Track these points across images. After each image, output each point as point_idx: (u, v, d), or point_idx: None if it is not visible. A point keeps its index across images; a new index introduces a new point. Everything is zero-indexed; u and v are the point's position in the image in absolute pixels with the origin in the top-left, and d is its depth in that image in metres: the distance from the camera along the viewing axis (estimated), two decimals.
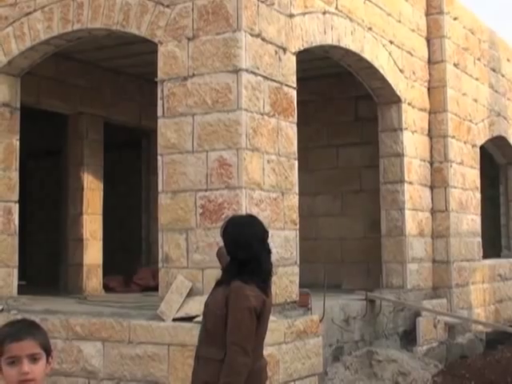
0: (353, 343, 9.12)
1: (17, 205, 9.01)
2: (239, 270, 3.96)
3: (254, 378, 3.95)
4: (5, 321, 2.92)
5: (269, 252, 4.13)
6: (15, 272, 8.95)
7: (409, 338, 10.11)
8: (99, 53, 10.80)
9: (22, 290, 9.21)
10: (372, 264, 11.45)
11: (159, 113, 7.70)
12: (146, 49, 8.55)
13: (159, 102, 7.70)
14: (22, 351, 2.64)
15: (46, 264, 14.61)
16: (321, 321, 7.99)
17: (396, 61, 10.40)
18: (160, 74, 7.72)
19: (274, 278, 7.42)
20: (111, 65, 11.60)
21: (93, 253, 11.66)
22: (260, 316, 3.92)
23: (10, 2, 8.77)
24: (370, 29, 9.73)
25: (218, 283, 4.10)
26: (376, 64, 9.88)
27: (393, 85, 10.32)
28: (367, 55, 9.68)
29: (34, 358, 2.65)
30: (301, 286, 8.00)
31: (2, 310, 8.46)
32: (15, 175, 9.01)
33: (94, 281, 11.59)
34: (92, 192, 11.81)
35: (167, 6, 7.72)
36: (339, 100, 12.55)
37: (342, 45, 9.15)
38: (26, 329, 2.74)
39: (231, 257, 4.08)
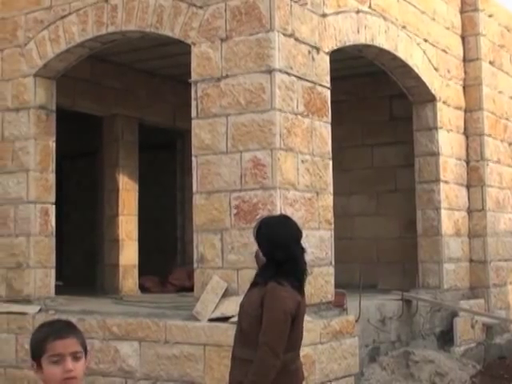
0: (389, 343, 9.06)
1: (53, 206, 9.11)
2: (276, 270, 3.95)
3: (290, 379, 3.94)
4: (43, 321, 2.95)
5: (303, 252, 4.12)
6: (52, 273, 9.05)
7: (446, 338, 10.02)
8: (133, 55, 10.87)
9: (59, 291, 9.31)
10: (408, 264, 11.36)
11: (193, 114, 7.73)
12: (180, 50, 8.59)
13: (193, 103, 7.73)
14: (65, 349, 2.64)
15: (82, 264, 14.74)
16: (357, 321, 7.96)
17: (431, 59, 10.31)
18: (193, 75, 7.75)
19: (309, 278, 7.42)
20: (145, 66, 11.68)
21: (129, 253, 11.74)
22: (295, 318, 3.91)
23: (46, 5, 8.88)
24: (403, 27, 9.66)
25: (254, 284, 4.08)
26: (410, 63, 9.81)
27: (427, 83, 10.23)
28: (401, 54, 9.62)
29: (75, 357, 2.65)
30: (336, 286, 7.97)
31: (40, 310, 8.56)
32: (52, 177, 9.11)
33: (130, 281, 11.67)
34: (127, 193, 11.89)
35: (200, 8, 7.75)
36: (373, 99, 12.48)
37: (376, 44, 9.10)
38: (66, 328, 2.74)
39: (267, 258, 4.06)
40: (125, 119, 11.90)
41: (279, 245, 3.99)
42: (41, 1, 8.92)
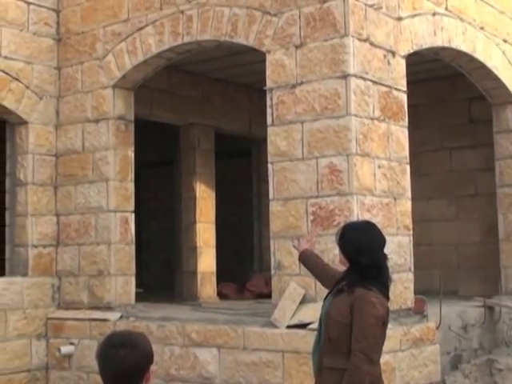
0: (471, 351, 8.87)
1: (133, 214, 9.27)
2: (361, 276, 3.94)
3: None
4: (124, 327, 3.03)
5: (386, 258, 4.11)
6: (132, 280, 9.21)
7: None
8: (209, 64, 10.99)
9: (139, 298, 9.46)
10: (490, 270, 11.09)
11: (268, 121, 7.75)
12: (255, 58, 8.64)
13: (268, 111, 7.75)
14: None
15: (161, 272, 14.96)
16: (437, 328, 7.82)
17: (510, 60, 10.06)
18: (268, 83, 7.77)
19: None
20: (221, 75, 11.78)
21: (206, 260, 11.84)
22: (384, 323, 3.89)
23: (123, 18, 9.06)
24: (481, 28, 9.47)
25: (338, 292, 4.03)
26: (489, 64, 9.60)
27: (508, 85, 9.99)
28: (479, 55, 9.42)
29: None
30: (415, 292, 7.85)
31: (121, 316, 8.72)
32: (131, 186, 9.28)
33: (208, 288, 11.77)
34: (204, 200, 12.00)
35: (274, 15, 7.77)
36: (451, 102, 12.25)
37: (453, 46, 8.94)
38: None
39: (352, 262, 4.04)
40: (201, 128, 12.03)
41: (364, 250, 3.98)
42: (118, 14, 9.12)
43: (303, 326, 7.12)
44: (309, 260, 4.81)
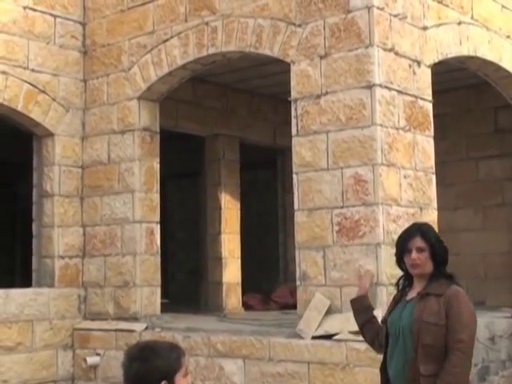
0: (499, 363, 8.76)
1: (158, 225, 9.31)
2: (449, 275, 3.94)
3: None
4: (150, 338, 3.05)
5: None
6: (158, 291, 9.23)
7: None
8: (233, 75, 11.01)
9: (164, 308, 9.48)
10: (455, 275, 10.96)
11: (293, 131, 7.75)
12: (279, 69, 8.65)
13: (293, 121, 7.75)
14: (188, 363, 2.95)
15: (186, 282, 14.98)
16: None
17: None
18: (293, 93, 7.78)
19: None
20: (245, 86, 11.81)
21: (232, 271, 11.84)
22: None
23: (148, 30, 9.13)
24: (508, 37, 9.40)
25: (422, 296, 3.87)
26: None
27: None
28: (506, 64, 9.35)
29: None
30: None
31: (147, 327, 8.74)
32: (156, 197, 9.32)
33: (234, 299, 11.76)
34: (230, 211, 12.02)
35: (299, 26, 7.78)
36: (477, 111, 12.17)
37: (479, 55, 8.89)
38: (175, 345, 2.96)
39: (442, 262, 3.97)
40: (226, 139, 12.06)
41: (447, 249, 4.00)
42: (144, 26, 9.18)
43: (329, 336, 7.09)
44: (360, 310, 4.36)
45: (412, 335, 3.80)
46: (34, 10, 9.37)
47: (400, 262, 4.07)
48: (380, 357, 4.14)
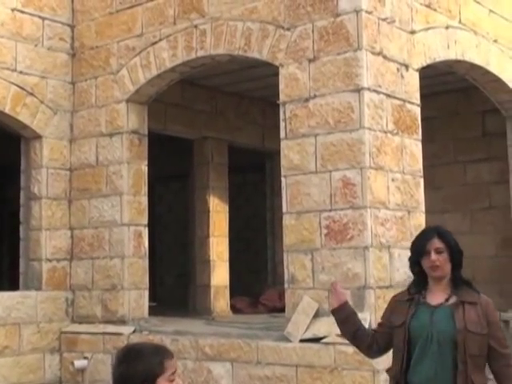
0: None
1: (146, 228, 9.29)
2: (467, 280, 3.87)
3: None
4: (138, 341, 3.04)
5: None
6: (146, 294, 9.21)
7: None
8: (222, 78, 11.02)
9: (152, 311, 9.46)
10: (505, 283, 11.02)
11: (282, 135, 7.75)
12: (268, 72, 8.66)
13: (281, 124, 7.76)
14: (176, 367, 2.87)
15: (175, 285, 14.95)
16: None
17: None
18: (282, 97, 7.78)
19: None
20: (234, 89, 11.81)
21: (220, 274, 11.83)
22: None
23: (137, 33, 9.11)
24: (495, 41, 9.45)
25: (456, 304, 3.74)
26: (503, 77, 9.57)
27: None
28: (493, 68, 9.40)
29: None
30: None
31: (135, 330, 8.72)
32: (144, 200, 9.30)
33: (222, 302, 11.75)
34: (218, 214, 12.01)
35: (287, 29, 7.79)
36: (465, 115, 12.22)
37: (467, 59, 8.93)
38: (164, 348, 2.90)
39: (460, 265, 3.88)
40: (215, 142, 12.06)
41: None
42: (132, 29, 9.17)
43: (317, 339, 7.09)
44: (347, 319, 4.04)
45: (458, 346, 3.65)
46: (23, 12, 9.34)
47: (414, 266, 3.90)
48: (369, 360, 4.10)
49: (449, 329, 3.67)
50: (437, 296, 3.81)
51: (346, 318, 4.02)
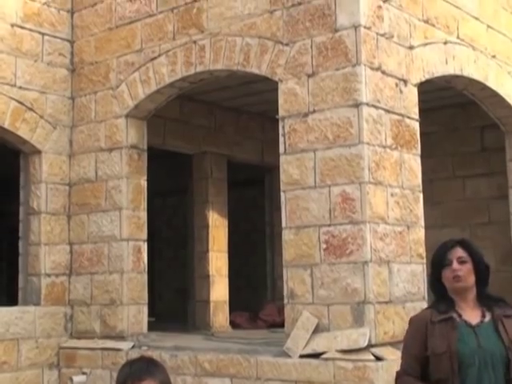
0: None
1: (145, 243, 9.28)
2: (496, 298, 3.63)
3: None
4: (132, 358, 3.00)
5: None
6: (145, 309, 9.19)
7: None
8: (221, 93, 11.04)
9: (151, 327, 9.43)
10: (505, 298, 10.99)
11: (281, 149, 7.76)
12: (267, 87, 8.67)
13: (281, 139, 7.77)
14: None
15: (174, 301, 14.92)
16: None
17: None
18: (281, 112, 7.80)
19: (401, 314, 7.29)
20: (233, 104, 11.84)
21: (219, 289, 11.81)
22: None
23: (136, 48, 9.14)
24: (493, 56, 9.48)
25: (496, 319, 3.50)
26: (501, 92, 9.60)
27: None
28: (492, 83, 9.43)
29: None
30: None
31: (134, 346, 8.69)
32: (143, 215, 9.29)
33: (221, 317, 11.72)
34: (217, 229, 12.00)
35: (286, 45, 7.82)
36: (464, 130, 12.25)
37: (465, 74, 8.96)
38: (145, 369, 2.77)
39: (484, 280, 3.61)
40: (214, 156, 12.07)
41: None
42: (131, 44, 9.20)
43: (316, 355, 7.06)
44: None
45: (511, 363, 3.35)
46: (22, 27, 9.38)
47: (435, 284, 3.59)
48: (368, 376, 3.99)
49: (498, 348, 3.39)
50: (471, 314, 3.51)
51: None
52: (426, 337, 3.44)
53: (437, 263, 3.56)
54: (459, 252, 3.54)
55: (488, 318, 3.49)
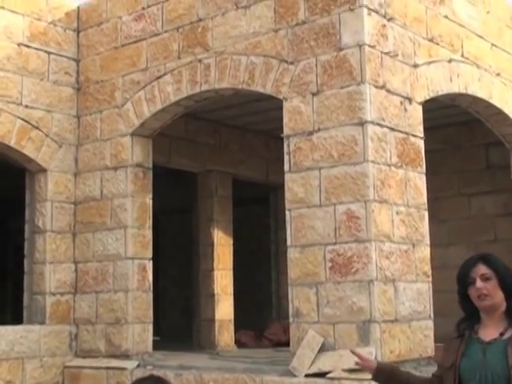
0: None
1: (150, 262, 9.27)
2: None
3: None
4: (139, 377, 2.99)
5: None
6: (150, 328, 9.16)
7: None
8: (226, 111, 11.07)
9: (156, 346, 9.39)
10: None
11: (286, 168, 7.76)
12: (272, 105, 8.70)
13: (285, 157, 7.78)
14: None
15: (179, 319, 14.87)
16: None
17: None
18: (286, 130, 7.81)
19: (407, 332, 7.26)
20: (238, 122, 11.86)
21: (224, 308, 11.77)
22: None
23: (142, 67, 9.19)
24: (498, 74, 9.50)
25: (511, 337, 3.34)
26: (506, 110, 9.61)
27: None
28: (496, 101, 9.43)
29: None
30: (437, 340, 7.73)
31: (139, 365, 8.65)
32: (149, 233, 9.29)
33: (226, 336, 11.67)
34: (222, 247, 11.98)
35: (291, 63, 7.85)
36: (469, 148, 12.24)
37: (469, 92, 8.97)
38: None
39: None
40: (219, 175, 12.08)
41: None
42: (137, 63, 9.24)
43: (322, 374, 7.02)
44: (391, 375, 3.78)
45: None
46: (28, 46, 9.43)
47: (464, 302, 3.56)
48: None
49: (501, 367, 3.28)
50: (490, 331, 3.42)
51: (388, 376, 3.74)
52: (443, 353, 3.59)
53: (461, 282, 3.55)
54: (482, 269, 3.47)
55: (508, 335, 3.37)
